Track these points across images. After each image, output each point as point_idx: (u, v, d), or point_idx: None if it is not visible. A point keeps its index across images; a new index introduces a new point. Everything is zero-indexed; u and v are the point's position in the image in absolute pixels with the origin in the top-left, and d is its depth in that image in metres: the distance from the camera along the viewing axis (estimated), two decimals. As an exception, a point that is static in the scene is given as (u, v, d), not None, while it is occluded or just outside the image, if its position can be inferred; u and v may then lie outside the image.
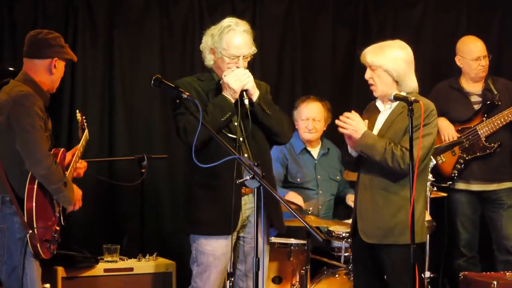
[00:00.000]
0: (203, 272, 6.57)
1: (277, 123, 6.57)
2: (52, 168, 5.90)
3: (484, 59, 8.35)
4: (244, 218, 6.55)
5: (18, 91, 5.99)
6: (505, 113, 8.23)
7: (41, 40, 6.19)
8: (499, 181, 8.44)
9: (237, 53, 6.39)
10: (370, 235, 6.34)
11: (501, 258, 8.44)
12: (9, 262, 6.04)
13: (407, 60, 6.32)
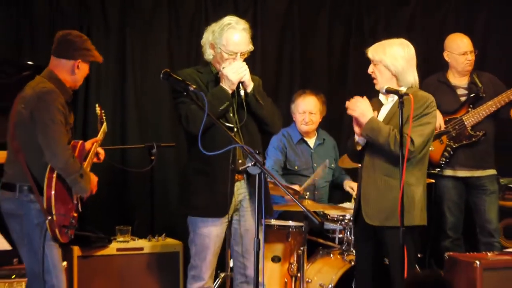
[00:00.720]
0: (200, 252, 6.66)
1: (269, 114, 6.65)
2: (69, 161, 6.02)
3: (470, 54, 8.43)
4: (237, 202, 6.64)
5: (42, 87, 6.08)
6: (489, 104, 8.31)
7: (69, 41, 6.28)
8: (483, 168, 8.50)
9: (236, 49, 6.49)
10: (373, 218, 6.43)
11: (483, 240, 8.51)
12: (29, 246, 6.16)
13: (406, 58, 6.45)
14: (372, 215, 6.43)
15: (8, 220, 6.28)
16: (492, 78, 8.64)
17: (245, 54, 6.57)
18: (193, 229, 6.67)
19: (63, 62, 6.23)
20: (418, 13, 9.64)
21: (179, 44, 8.86)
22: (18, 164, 6.11)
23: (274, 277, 7.70)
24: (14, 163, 6.17)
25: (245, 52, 6.55)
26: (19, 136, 6.12)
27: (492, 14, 9.82)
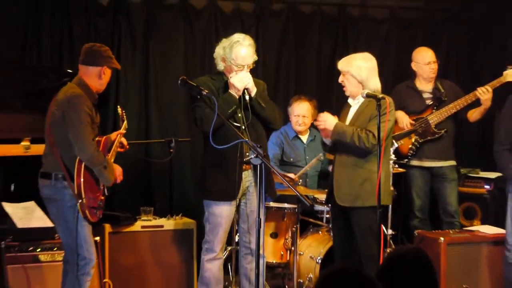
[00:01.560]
0: (213, 229, 6.78)
1: (270, 113, 6.76)
2: (94, 154, 6.06)
3: (433, 63, 8.44)
4: (244, 188, 6.75)
5: (72, 92, 6.14)
6: (450, 106, 8.30)
7: (94, 51, 6.30)
8: (444, 159, 8.49)
9: (243, 63, 6.56)
10: (344, 200, 6.53)
11: (445, 220, 8.48)
12: (64, 225, 6.21)
13: (369, 68, 6.54)
14: (342, 198, 6.54)
15: (47, 204, 6.35)
16: (453, 85, 8.64)
17: (251, 66, 6.64)
18: (208, 210, 6.77)
19: (90, 69, 6.26)
20: (392, 30, 9.56)
21: (194, 55, 8.79)
22: (53, 156, 6.16)
23: (272, 250, 7.70)
24: (50, 156, 6.22)
25: (251, 64, 6.62)
26: (53, 133, 6.17)
27: (453, 32, 9.76)
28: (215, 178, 6.71)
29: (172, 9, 8.70)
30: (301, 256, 7.63)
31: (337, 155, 6.67)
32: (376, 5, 9.49)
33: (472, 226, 8.32)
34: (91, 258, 6.28)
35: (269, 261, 7.59)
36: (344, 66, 6.59)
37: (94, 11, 8.37)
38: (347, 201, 6.54)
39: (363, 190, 6.44)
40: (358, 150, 6.42)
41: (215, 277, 6.89)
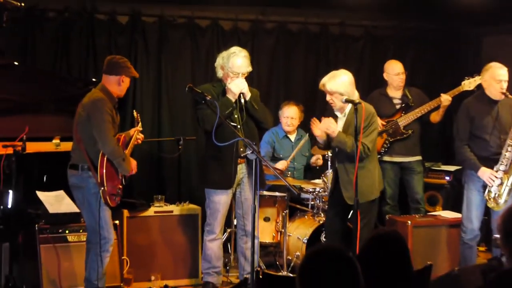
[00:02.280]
0: (213, 214, 6.89)
1: (262, 115, 6.85)
2: (115, 148, 6.15)
3: (402, 74, 8.37)
4: (239, 179, 6.84)
5: (96, 96, 6.22)
6: (416, 111, 8.24)
7: (114, 62, 6.35)
8: (412, 155, 8.42)
9: (238, 71, 6.66)
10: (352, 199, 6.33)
11: (412, 206, 8.42)
12: (88, 209, 6.26)
13: (351, 82, 6.56)
14: (351, 198, 6.44)
15: (73, 191, 6.41)
16: (419, 92, 8.57)
17: (245, 74, 6.70)
18: (208, 197, 6.88)
19: (111, 78, 6.31)
20: (367, 46, 9.53)
21: (199, 66, 8.76)
22: (80, 150, 6.23)
23: (265, 231, 7.67)
24: (77, 150, 6.29)
25: (245, 72, 6.68)
26: (80, 131, 6.23)
27: (419, 47, 9.77)
28: (214, 170, 6.80)
29: (181, 28, 8.67)
30: (290, 237, 7.62)
31: (338, 164, 6.70)
32: (353, 24, 9.45)
33: (435, 212, 8.37)
34: (110, 237, 6.35)
35: (262, 241, 7.57)
36: (331, 86, 6.50)
37: (115, 30, 8.36)
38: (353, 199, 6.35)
39: (364, 187, 6.43)
40: (355, 158, 6.32)
41: (216, 255, 6.99)
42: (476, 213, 7.20)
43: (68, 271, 6.72)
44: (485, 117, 7.13)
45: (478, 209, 7.20)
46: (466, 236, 7.25)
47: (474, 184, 7.17)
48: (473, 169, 7.13)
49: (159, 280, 7.12)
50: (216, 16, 8.78)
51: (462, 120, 7.28)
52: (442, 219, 7.75)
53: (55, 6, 8.10)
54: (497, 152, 7.06)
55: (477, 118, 7.15)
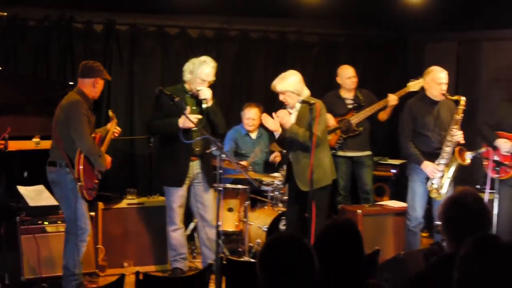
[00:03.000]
0: (170, 207, 6.91)
1: (219, 120, 6.83)
2: (91, 146, 6.11)
3: (354, 78, 8.39)
4: (194, 174, 6.81)
5: (73, 99, 6.20)
6: (367, 110, 8.28)
7: (89, 66, 6.34)
8: (362, 150, 8.46)
9: (205, 78, 6.64)
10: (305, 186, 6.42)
11: (362, 196, 8.46)
12: (66, 202, 6.22)
13: (299, 80, 6.58)
14: (305, 184, 6.44)
15: (52, 186, 6.36)
16: (369, 93, 8.60)
17: (210, 82, 6.71)
18: (166, 192, 6.89)
19: (86, 80, 6.28)
20: (322, 52, 9.53)
21: (168, 71, 8.65)
22: (58, 149, 6.17)
23: (229, 221, 7.64)
24: (55, 148, 6.23)
25: (211, 81, 6.69)
26: (58, 130, 6.19)
27: (369, 53, 9.77)
28: (168, 168, 6.78)
29: (151, 36, 8.59)
30: (251, 225, 7.58)
31: (291, 154, 6.65)
32: (309, 32, 9.43)
33: (382, 201, 8.40)
34: (87, 228, 6.31)
35: (226, 230, 7.50)
36: (282, 87, 6.54)
37: (90, 38, 8.25)
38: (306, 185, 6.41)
39: (317, 175, 6.39)
40: (306, 146, 6.39)
41: (180, 243, 6.97)
42: (419, 203, 7.25)
43: (47, 259, 6.66)
44: (427, 116, 7.18)
45: (421, 199, 7.25)
46: (411, 224, 7.29)
47: (418, 176, 7.21)
48: (417, 163, 7.16)
49: (131, 266, 7.11)
50: (184, 25, 8.72)
51: (406, 119, 7.33)
52: (389, 208, 7.81)
53: (35, 16, 8.00)
54: (438, 147, 7.12)
55: (419, 117, 7.21)
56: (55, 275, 6.58)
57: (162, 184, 6.91)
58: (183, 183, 6.77)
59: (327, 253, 3.19)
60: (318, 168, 6.43)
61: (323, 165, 6.57)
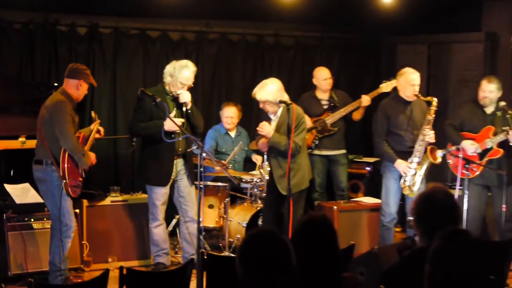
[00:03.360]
0: (153, 204, 6.89)
1: (198, 122, 6.82)
2: (75, 145, 6.12)
3: (329, 79, 8.40)
4: (177, 173, 6.81)
5: (57, 99, 6.19)
6: (341, 110, 8.30)
7: (75, 69, 6.33)
8: (337, 149, 8.47)
9: (185, 82, 6.63)
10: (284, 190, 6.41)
11: (338, 193, 8.48)
12: (52, 199, 6.21)
13: (278, 89, 6.57)
14: (284, 189, 6.43)
15: (38, 184, 6.35)
16: (344, 94, 8.62)
17: (190, 85, 6.71)
18: (149, 191, 6.88)
19: (71, 81, 6.28)
20: (298, 54, 9.49)
21: (150, 72, 8.61)
22: (44, 148, 6.17)
23: (209, 217, 7.65)
24: (41, 147, 6.22)
25: (190, 84, 6.68)
26: (44, 130, 6.18)
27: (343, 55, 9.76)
28: (152, 168, 6.76)
29: (134, 38, 8.55)
30: (231, 221, 7.59)
31: (272, 159, 6.70)
32: (286, 35, 9.41)
33: (357, 198, 8.41)
34: (71, 225, 6.33)
35: (207, 226, 7.54)
36: (261, 96, 6.57)
37: (74, 40, 8.20)
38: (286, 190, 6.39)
39: (296, 180, 6.51)
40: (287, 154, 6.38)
41: (162, 238, 6.97)
42: (393, 199, 7.29)
43: (33, 255, 6.66)
44: (400, 116, 7.22)
45: (395, 195, 7.29)
46: (385, 219, 7.33)
47: (392, 174, 7.25)
48: (390, 161, 7.21)
49: (115, 261, 7.08)
50: (165, 28, 8.68)
51: (380, 119, 7.38)
52: (363, 204, 7.83)
53: (20, 19, 7.94)
54: (411, 146, 7.17)
55: (392, 117, 7.25)
56: (42, 270, 6.57)
57: (146, 183, 6.90)
58: (168, 182, 6.78)
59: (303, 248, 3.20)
60: (298, 172, 6.54)
61: (302, 170, 6.63)
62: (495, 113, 7.28)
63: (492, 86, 7.25)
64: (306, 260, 3.24)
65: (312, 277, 3.32)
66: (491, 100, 7.26)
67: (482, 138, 7.16)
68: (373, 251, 5.47)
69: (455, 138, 7.34)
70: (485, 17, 8.84)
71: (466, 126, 7.35)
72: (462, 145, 7.22)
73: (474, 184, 7.19)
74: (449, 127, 7.44)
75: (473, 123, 7.28)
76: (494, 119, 7.26)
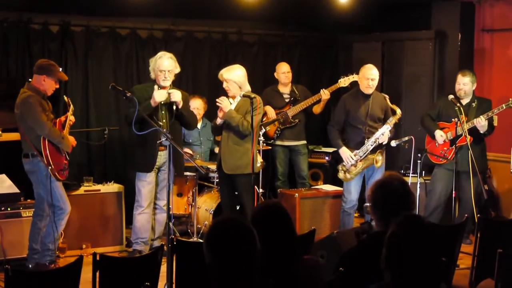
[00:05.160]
0: (139, 191, 6.83)
1: (190, 120, 6.88)
2: (50, 130, 6.11)
3: (288, 73, 8.46)
4: (161, 163, 6.77)
5: (24, 95, 6.22)
6: (302, 104, 8.33)
7: (39, 65, 6.35)
8: (298, 140, 8.50)
9: (164, 68, 6.61)
10: (229, 169, 6.56)
11: (299, 181, 8.50)
12: (43, 188, 6.25)
13: (244, 75, 6.61)
14: (227, 168, 6.58)
15: (29, 175, 6.36)
16: (304, 88, 8.68)
17: (172, 73, 6.71)
18: (136, 176, 6.84)
19: (36, 77, 6.29)
20: (260, 50, 9.48)
21: (120, 68, 8.55)
22: (26, 141, 6.21)
23: (179, 205, 7.64)
24: (24, 142, 6.27)
25: (171, 71, 6.68)
26: (21, 126, 6.21)
27: (303, 51, 9.78)
28: (139, 156, 6.74)
29: (104, 36, 8.43)
30: (199, 209, 7.58)
31: (223, 135, 6.67)
32: (249, 33, 9.40)
33: (317, 185, 8.45)
34: (65, 208, 6.41)
35: (176, 213, 7.53)
36: (227, 76, 6.59)
37: (47, 38, 8.07)
38: (230, 170, 6.59)
39: (242, 162, 6.51)
40: (239, 133, 6.48)
41: (144, 227, 6.94)
42: (354, 187, 7.36)
43: (10, 242, 6.59)
44: (359, 109, 7.30)
45: (355, 183, 7.34)
46: (346, 205, 7.38)
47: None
48: (336, 147, 7.44)
49: (89, 248, 7.05)
50: (134, 26, 8.60)
51: (338, 111, 7.48)
52: (323, 191, 7.87)
53: (-5, 18, 7.83)
54: (368, 138, 7.22)
55: (352, 111, 7.33)
56: (19, 257, 6.53)
57: (134, 170, 6.88)
58: (153, 168, 6.77)
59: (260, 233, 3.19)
60: (244, 156, 6.51)
61: (248, 156, 6.54)
62: (470, 104, 7.37)
63: (466, 79, 7.36)
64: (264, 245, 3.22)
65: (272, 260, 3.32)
66: (466, 92, 7.38)
67: (454, 127, 7.22)
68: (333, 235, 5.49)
69: (431, 127, 7.48)
70: (434, 17, 8.93)
71: (443, 116, 7.45)
72: (435, 134, 7.41)
73: (445, 169, 7.34)
74: (427, 117, 7.61)
75: (448, 113, 7.36)
76: (468, 109, 7.34)
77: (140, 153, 6.76)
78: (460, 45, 8.70)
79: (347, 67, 9.15)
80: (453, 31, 8.74)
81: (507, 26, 8.57)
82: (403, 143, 7.25)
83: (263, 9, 8.50)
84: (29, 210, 6.65)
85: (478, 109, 7.29)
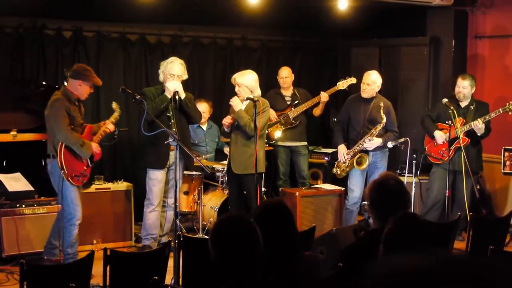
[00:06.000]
0: (151, 189, 6.82)
1: (192, 111, 6.80)
2: (68, 136, 5.97)
3: (286, 78, 8.42)
4: (172, 162, 6.69)
5: (54, 98, 6.10)
6: (302, 106, 8.30)
7: (76, 70, 6.24)
8: (299, 141, 8.48)
9: (174, 73, 6.64)
10: (238, 169, 6.56)
11: (300, 180, 8.50)
12: (57, 189, 6.14)
13: (255, 80, 6.60)
14: (236, 168, 6.55)
15: (50, 176, 6.23)
16: (305, 91, 8.64)
17: (181, 77, 6.71)
18: (147, 175, 6.81)
19: (72, 81, 6.17)
20: (263, 55, 9.49)
21: (130, 72, 8.57)
22: (50, 142, 6.13)
23: (185, 203, 7.64)
24: (48, 142, 6.19)
25: (180, 76, 6.69)
26: (47, 127, 6.16)
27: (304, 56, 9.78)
28: (152, 153, 6.74)
29: (115, 41, 8.46)
30: (204, 206, 7.59)
31: (232, 137, 6.67)
32: (252, 39, 9.41)
33: (317, 184, 8.44)
34: (75, 214, 6.19)
35: (182, 210, 7.52)
36: (240, 80, 6.58)
37: (60, 43, 8.09)
38: (239, 169, 6.58)
39: (250, 162, 6.48)
40: (245, 134, 6.47)
41: (154, 224, 6.92)
42: (357, 184, 7.40)
43: (25, 238, 6.59)
44: (357, 112, 7.39)
45: (358, 180, 7.39)
46: (348, 203, 7.44)
47: (354, 160, 7.38)
48: (336, 144, 7.55)
49: (100, 243, 7.06)
50: (143, 32, 8.62)
51: (342, 112, 7.68)
52: (323, 190, 7.88)
53: (11, 24, 7.82)
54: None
55: (352, 114, 7.46)
56: (33, 251, 6.54)
57: (146, 166, 6.85)
58: (165, 165, 6.76)
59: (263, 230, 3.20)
60: (251, 158, 6.51)
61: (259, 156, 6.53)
62: (468, 107, 7.38)
63: (466, 82, 7.37)
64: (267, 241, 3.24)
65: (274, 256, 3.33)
66: (465, 94, 7.38)
67: (453, 128, 7.22)
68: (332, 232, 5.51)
69: (430, 127, 7.49)
70: (429, 24, 8.95)
71: (442, 118, 7.44)
72: (434, 134, 7.40)
73: (442, 168, 7.33)
74: (427, 118, 7.64)
75: (446, 116, 7.34)
76: (466, 112, 7.35)
77: (153, 151, 6.76)
78: (454, 51, 8.71)
79: (345, 71, 9.15)
80: (447, 38, 8.75)
81: (499, 33, 8.58)
82: (399, 144, 7.27)
83: (266, 16, 8.53)
84: (42, 207, 6.67)
85: (476, 112, 7.30)
